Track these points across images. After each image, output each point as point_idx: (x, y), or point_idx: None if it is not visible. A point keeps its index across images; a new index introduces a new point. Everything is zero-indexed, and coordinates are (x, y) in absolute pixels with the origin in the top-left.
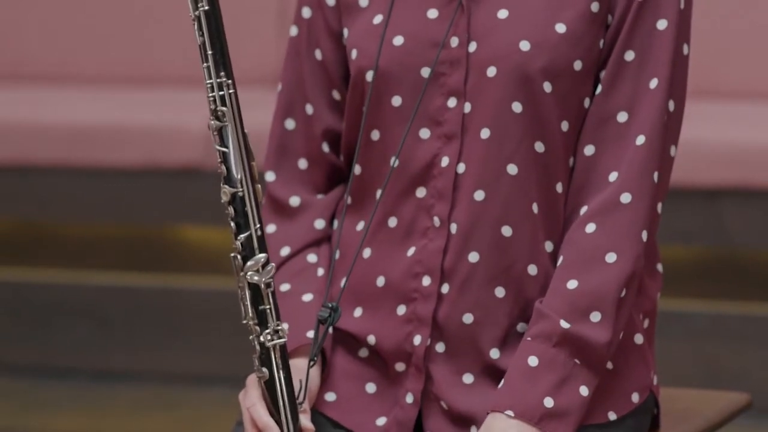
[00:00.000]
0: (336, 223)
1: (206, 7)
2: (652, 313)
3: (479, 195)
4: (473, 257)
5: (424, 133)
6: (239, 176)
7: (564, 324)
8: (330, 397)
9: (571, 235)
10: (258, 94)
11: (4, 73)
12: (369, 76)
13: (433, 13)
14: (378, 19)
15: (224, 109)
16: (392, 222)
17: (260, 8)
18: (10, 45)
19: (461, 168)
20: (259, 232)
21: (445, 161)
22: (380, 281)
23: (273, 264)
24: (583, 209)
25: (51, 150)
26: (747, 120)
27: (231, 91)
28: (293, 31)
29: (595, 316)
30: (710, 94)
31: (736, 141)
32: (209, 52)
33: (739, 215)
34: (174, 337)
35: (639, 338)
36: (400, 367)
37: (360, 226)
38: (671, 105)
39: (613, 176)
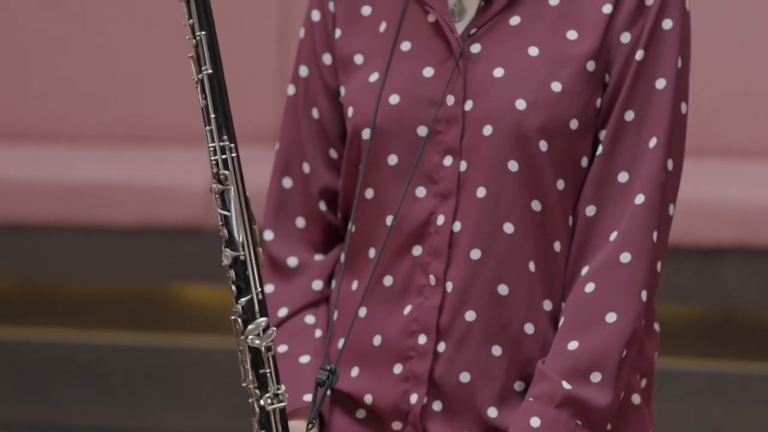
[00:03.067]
0: (333, 283)
1: (210, 71)
2: (649, 373)
3: (475, 254)
4: (470, 315)
5: (420, 192)
6: (241, 239)
7: (566, 385)
8: None
9: (572, 295)
10: (256, 153)
11: (3, 131)
12: (365, 134)
13: (428, 71)
14: (374, 76)
15: (226, 172)
16: (388, 281)
17: (259, 66)
18: (9, 103)
19: (457, 226)
20: (260, 296)
21: (440, 219)
22: (377, 340)
23: (274, 328)
24: (584, 269)
25: (50, 208)
26: (745, 178)
27: (233, 154)
28: (291, 90)
29: (596, 377)
30: (708, 153)
31: (734, 200)
32: (212, 116)
33: (737, 274)
34: (173, 395)
35: (636, 398)
36: (397, 426)
37: (355, 285)
38: (670, 164)
39: (613, 236)
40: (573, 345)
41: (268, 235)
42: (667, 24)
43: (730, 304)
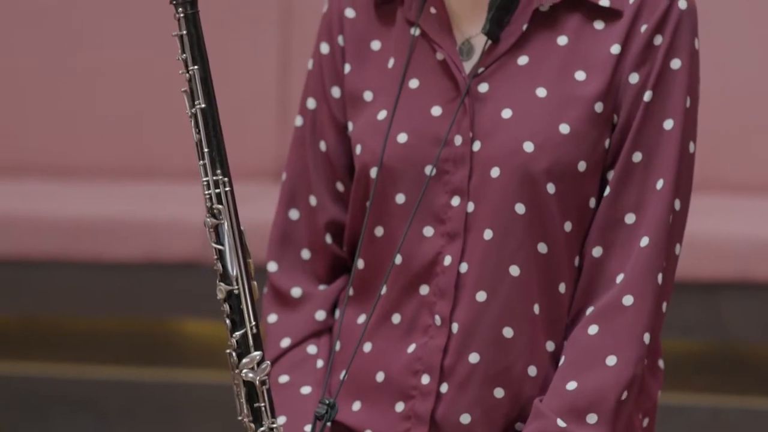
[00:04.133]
0: (337, 313)
1: (203, 105)
2: (651, 412)
3: (481, 296)
4: (473, 358)
5: (428, 231)
6: (235, 274)
7: (561, 423)
8: None
9: (574, 335)
10: (259, 188)
11: (3, 167)
12: (373, 172)
13: (436, 110)
14: (382, 114)
15: (220, 206)
16: (396, 318)
17: (260, 101)
18: (10, 139)
19: (464, 267)
20: (254, 330)
21: (447, 260)
22: (380, 376)
23: (268, 362)
24: (588, 310)
25: (50, 244)
26: (745, 213)
27: (227, 189)
28: (298, 121)
29: (592, 418)
30: (708, 188)
31: (735, 235)
32: (205, 150)
33: (737, 309)
34: (174, 430)
35: None
36: None
37: (361, 318)
38: (677, 204)
39: (619, 278)
40: (572, 385)
41: (272, 266)
42: (676, 64)
43: (730, 339)
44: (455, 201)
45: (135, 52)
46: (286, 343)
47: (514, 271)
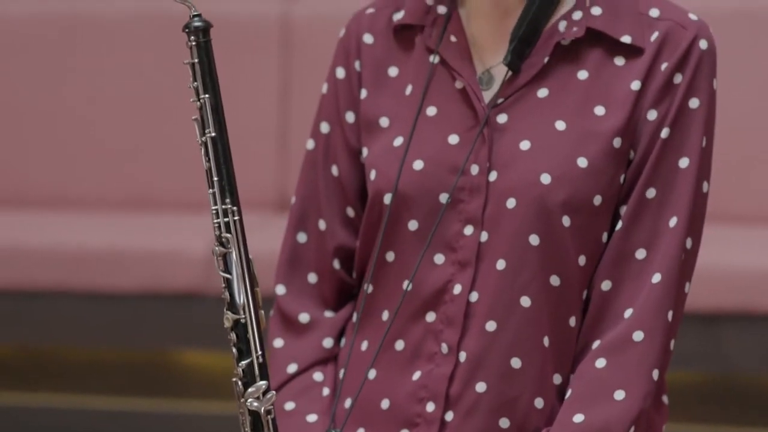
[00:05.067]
0: (343, 341)
1: (213, 134)
2: None
3: (491, 326)
4: (480, 387)
5: (439, 259)
6: (242, 302)
7: None
8: None
9: (582, 369)
10: (259, 218)
11: (4, 198)
12: (387, 198)
13: (454, 139)
14: (398, 141)
15: (228, 235)
16: (399, 345)
17: (261, 131)
18: (11, 170)
19: (474, 297)
20: (260, 359)
21: (457, 288)
22: (384, 403)
23: (273, 392)
24: (596, 343)
25: (51, 274)
26: (745, 245)
27: (236, 218)
28: (310, 144)
29: None
30: (708, 219)
31: (735, 266)
32: (215, 179)
33: (738, 340)
34: None
35: None
36: None
37: (365, 345)
38: (689, 242)
39: (628, 313)
40: (578, 418)
41: (280, 289)
42: (694, 103)
43: (731, 370)
44: (468, 230)
45: (134, 83)
46: (292, 368)
47: (525, 302)
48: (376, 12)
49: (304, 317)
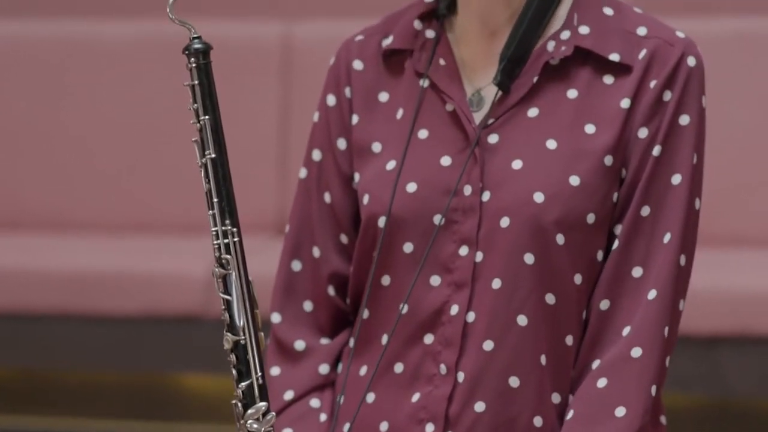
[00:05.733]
0: (340, 367)
1: (213, 155)
2: None
3: (488, 345)
4: (479, 407)
5: (435, 280)
6: (242, 324)
7: None
8: None
9: (583, 389)
10: (259, 241)
11: (4, 221)
12: (381, 222)
13: (446, 161)
14: (391, 164)
15: (228, 257)
16: (398, 368)
17: (260, 155)
18: (10, 193)
19: (471, 317)
20: (260, 381)
21: (454, 309)
22: (383, 426)
23: (273, 413)
24: (596, 363)
25: (51, 298)
26: (743, 268)
27: (236, 239)
28: (302, 173)
29: None
30: (706, 242)
31: (733, 289)
32: (215, 200)
33: (737, 363)
34: None
35: None
36: None
37: (363, 370)
38: (683, 259)
39: (626, 330)
40: None
41: (276, 317)
42: (684, 120)
43: (729, 393)
44: (463, 251)
45: (133, 105)
46: (289, 396)
47: (522, 321)
48: (365, 38)
49: (299, 345)
